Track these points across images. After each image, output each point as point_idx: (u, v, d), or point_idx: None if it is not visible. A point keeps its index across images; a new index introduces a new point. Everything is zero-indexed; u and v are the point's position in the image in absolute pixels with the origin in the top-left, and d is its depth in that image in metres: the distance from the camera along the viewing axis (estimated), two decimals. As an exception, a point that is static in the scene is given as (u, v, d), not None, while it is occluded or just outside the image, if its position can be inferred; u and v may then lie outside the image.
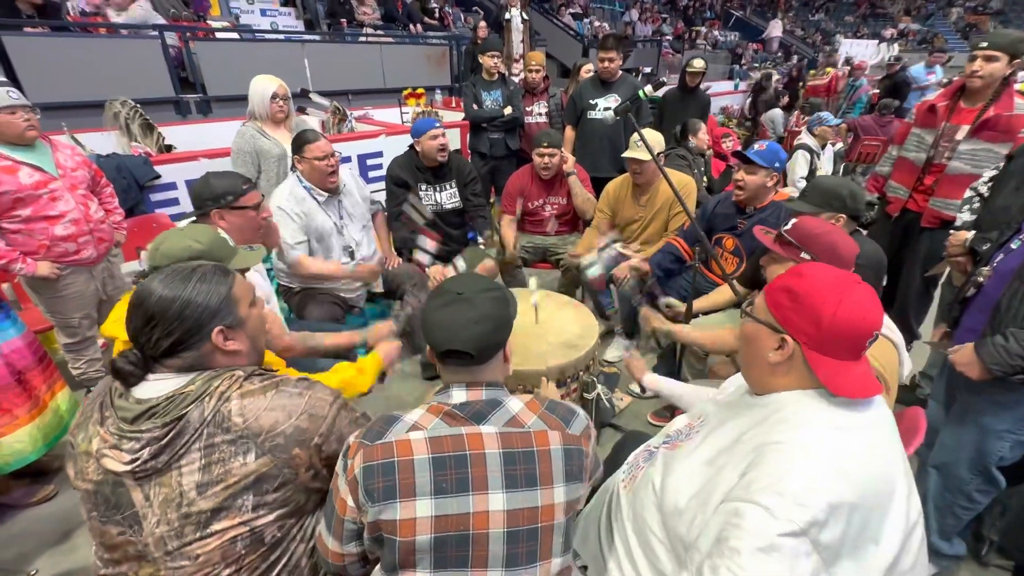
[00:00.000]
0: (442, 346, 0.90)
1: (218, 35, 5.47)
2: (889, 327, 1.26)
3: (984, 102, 2.08)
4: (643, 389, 1.59)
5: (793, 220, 1.40)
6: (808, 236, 1.32)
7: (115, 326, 1.29)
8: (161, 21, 5.11)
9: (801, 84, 7.01)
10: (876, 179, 2.58)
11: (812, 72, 9.49)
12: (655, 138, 2.55)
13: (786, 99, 6.72)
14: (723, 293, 2.08)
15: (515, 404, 0.92)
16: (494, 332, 0.92)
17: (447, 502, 0.83)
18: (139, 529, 0.88)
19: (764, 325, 0.88)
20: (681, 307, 2.07)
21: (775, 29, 15.84)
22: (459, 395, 0.91)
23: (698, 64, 4.18)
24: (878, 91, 6.98)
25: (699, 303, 2.08)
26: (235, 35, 5.73)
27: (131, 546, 0.89)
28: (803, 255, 1.32)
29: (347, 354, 2.13)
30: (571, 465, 0.89)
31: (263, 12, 7.03)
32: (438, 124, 2.51)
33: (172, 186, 2.85)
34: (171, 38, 4.85)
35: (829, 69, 8.02)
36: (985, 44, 2.03)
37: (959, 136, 2.12)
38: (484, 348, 0.91)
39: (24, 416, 1.76)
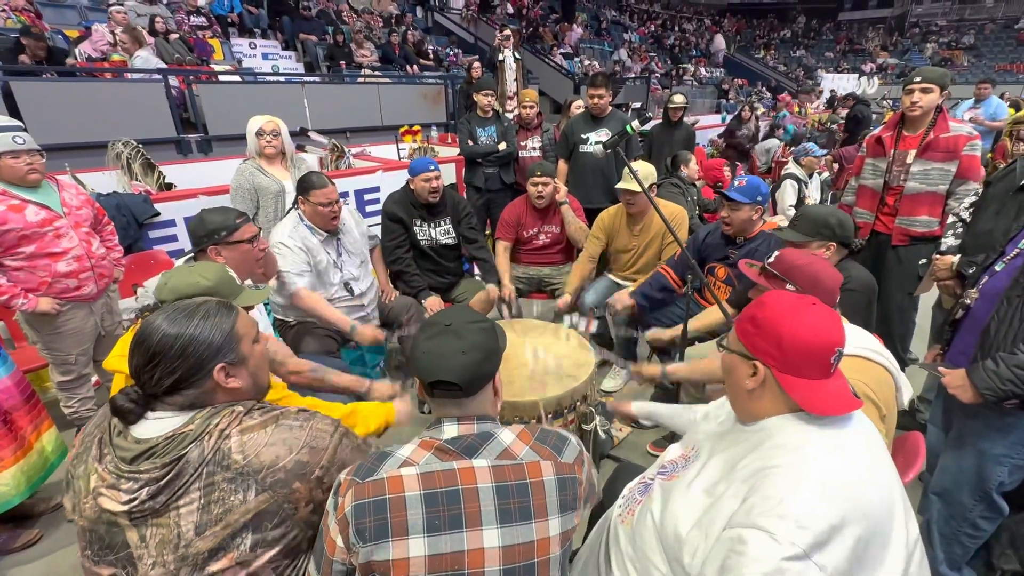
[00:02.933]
0: (429, 376, 0.89)
1: (220, 77, 5.64)
2: (881, 352, 1.26)
3: (924, 128, 2.32)
4: (639, 424, 1.58)
5: (776, 252, 1.42)
6: (791, 268, 1.34)
7: (120, 360, 1.28)
8: (161, 65, 5.28)
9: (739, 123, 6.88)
10: (842, 208, 2.70)
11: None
12: (647, 170, 2.62)
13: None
14: (714, 313, 2.10)
15: (507, 436, 0.91)
16: (482, 362, 0.91)
17: (440, 540, 0.81)
18: (133, 571, 0.85)
19: (736, 354, 0.92)
20: (664, 334, 2.09)
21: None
22: (451, 429, 0.90)
23: (678, 99, 4.51)
24: (842, 121, 7.24)
25: (693, 324, 2.09)
26: (236, 77, 5.91)
27: None
28: (788, 287, 1.34)
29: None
30: (565, 495, 0.87)
31: (265, 56, 7.30)
32: (433, 167, 2.55)
33: (171, 223, 2.88)
34: (173, 80, 5.00)
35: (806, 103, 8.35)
36: (919, 79, 2.28)
37: (909, 160, 2.34)
38: (472, 379, 0.89)
39: (9, 458, 1.73)
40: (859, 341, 1.26)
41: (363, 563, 0.81)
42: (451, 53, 9.47)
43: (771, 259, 1.41)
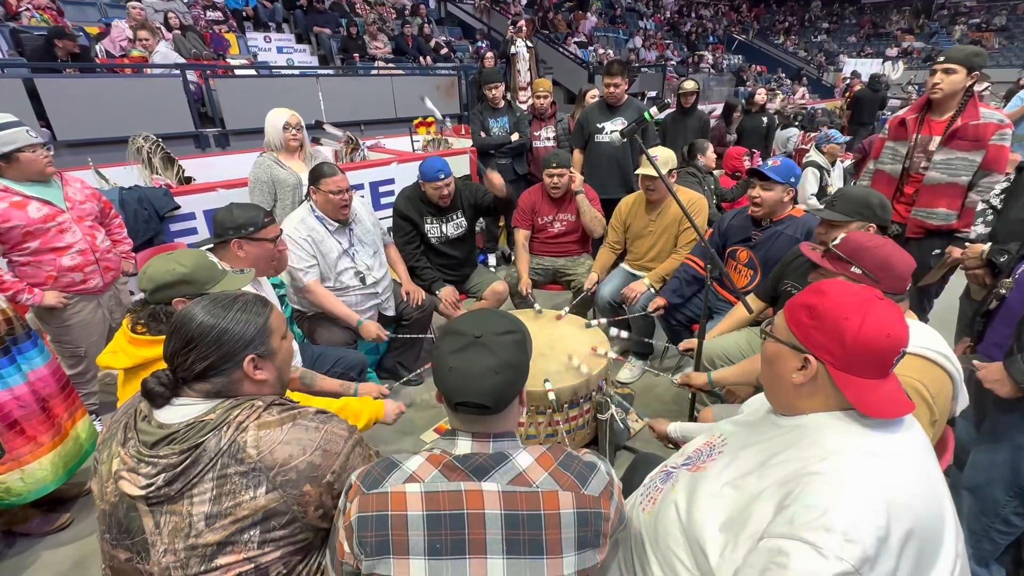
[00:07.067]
0: (457, 397, 0.81)
1: (236, 72, 5.69)
2: (949, 358, 1.16)
3: (951, 113, 2.15)
4: (675, 444, 1.53)
5: (842, 234, 1.33)
6: (859, 248, 1.24)
7: (111, 357, 1.28)
8: (180, 60, 5.34)
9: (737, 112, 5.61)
10: None
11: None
12: (666, 156, 2.58)
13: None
14: (738, 311, 2.06)
15: (524, 459, 0.84)
16: (515, 381, 0.84)
17: (441, 565, 0.77)
18: (147, 556, 0.87)
19: (786, 345, 0.85)
20: (693, 343, 2.05)
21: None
22: (464, 445, 0.84)
23: (689, 85, 4.41)
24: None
25: (715, 330, 2.06)
26: (252, 71, 5.96)
27: (137, 574, 0.89)
28: (854, 269, 1.24)
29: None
30: (585, 531, 0.79)
31: (279, 49, 7.35)
32: (444, 175, 2.51)
33: (191, 216, 2.92)
34: (191, 75, 5.06)
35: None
36: (943, 59, 2.13)
37: (932, 147, 2.20)
38: (503, 399, 0.82)
39: (47, 444, 1.77)
40: (928, 342, 1.16)
41: (367, 575, 0.79)
42: (482, 45, 9.38)
43: (837, 241, 1.31)
